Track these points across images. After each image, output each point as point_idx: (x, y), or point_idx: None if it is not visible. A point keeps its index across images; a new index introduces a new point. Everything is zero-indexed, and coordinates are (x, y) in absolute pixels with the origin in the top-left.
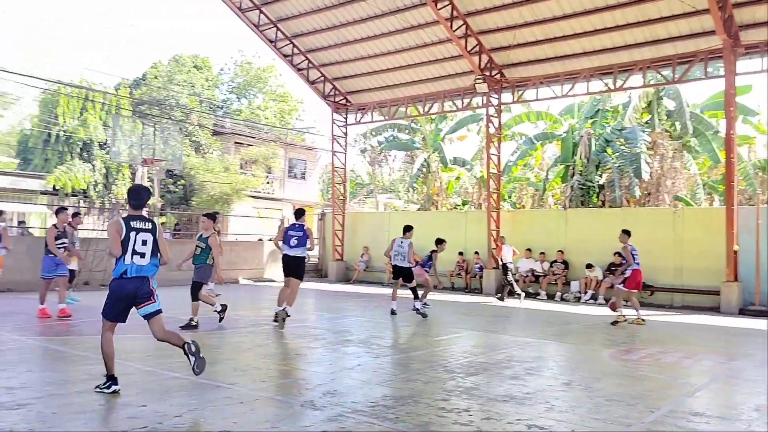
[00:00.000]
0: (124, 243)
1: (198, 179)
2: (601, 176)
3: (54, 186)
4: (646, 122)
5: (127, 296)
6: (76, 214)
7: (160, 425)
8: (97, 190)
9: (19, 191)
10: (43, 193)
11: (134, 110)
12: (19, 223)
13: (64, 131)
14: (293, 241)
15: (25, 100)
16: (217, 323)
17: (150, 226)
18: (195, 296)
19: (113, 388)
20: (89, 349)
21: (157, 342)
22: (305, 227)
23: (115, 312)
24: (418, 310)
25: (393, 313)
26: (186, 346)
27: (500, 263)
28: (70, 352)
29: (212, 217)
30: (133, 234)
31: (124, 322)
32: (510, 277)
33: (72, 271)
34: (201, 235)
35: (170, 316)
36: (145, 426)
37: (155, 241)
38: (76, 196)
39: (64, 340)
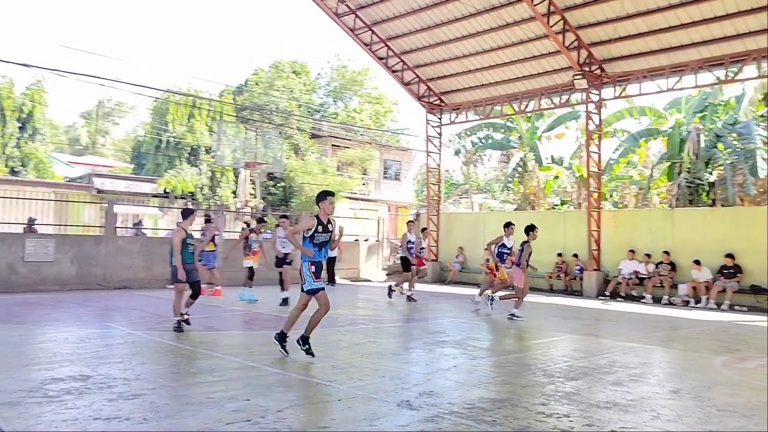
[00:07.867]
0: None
1: (297, 181)
2: (711, 173)
3: (165, 189)
4: (762, 115)
5: None
6: (261, 220)
7: (262, 419)
8: (203, 192)
9: (134, 194)
10: (155, 196)
11: (237, 116)
12: (134, 224)
13: (174, 137)
14: None
15: (139, 108)
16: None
17: None
18: None
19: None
20: (198, 344)
21: (260, 339)
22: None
23: None
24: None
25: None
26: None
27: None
28: (180, 346)
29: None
30: None
31: None
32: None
33: (251, 269)
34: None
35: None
36: (248, 419)
37: None
38: (184, 198)
39: (175, 335)
